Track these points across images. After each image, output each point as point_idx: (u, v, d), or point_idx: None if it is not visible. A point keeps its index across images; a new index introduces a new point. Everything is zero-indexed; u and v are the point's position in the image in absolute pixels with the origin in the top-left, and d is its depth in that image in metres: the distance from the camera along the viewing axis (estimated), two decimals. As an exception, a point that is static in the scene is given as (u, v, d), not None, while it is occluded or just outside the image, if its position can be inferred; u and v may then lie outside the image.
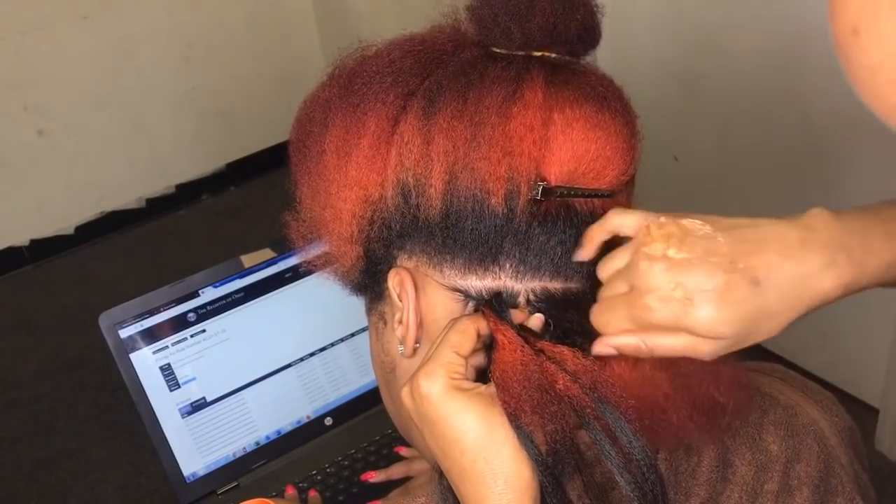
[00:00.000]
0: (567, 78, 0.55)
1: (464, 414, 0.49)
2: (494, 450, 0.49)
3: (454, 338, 0.52)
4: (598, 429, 0.49)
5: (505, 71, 0.54)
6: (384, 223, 0.56)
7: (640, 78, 1.90)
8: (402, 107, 0.54)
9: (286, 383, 1.06)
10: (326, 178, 0.57)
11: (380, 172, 0.55)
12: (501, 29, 0.55)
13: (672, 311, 0.47)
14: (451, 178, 0.53)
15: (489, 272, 0.54)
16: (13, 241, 2.61)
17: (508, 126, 0.52)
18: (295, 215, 0.61)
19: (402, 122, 0.54)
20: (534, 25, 0.55)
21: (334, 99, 0.58)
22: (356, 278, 0.60)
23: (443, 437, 0.50)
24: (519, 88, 0.53)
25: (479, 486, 0.49)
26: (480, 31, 0.57)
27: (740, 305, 0.46)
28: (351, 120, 0.56)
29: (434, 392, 0.50)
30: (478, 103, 0.53)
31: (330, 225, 0.58)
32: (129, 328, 0.99)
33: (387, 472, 0.99)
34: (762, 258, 0.47)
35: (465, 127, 0.53)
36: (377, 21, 2.61)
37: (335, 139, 0.56)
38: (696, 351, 0.48)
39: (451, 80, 0.54)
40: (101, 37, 2.57)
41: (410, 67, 0.56)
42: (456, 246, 0.54)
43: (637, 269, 0.48)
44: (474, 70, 0.55)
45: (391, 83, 0.55)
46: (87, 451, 1.98)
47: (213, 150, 2.88)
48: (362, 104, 0.56)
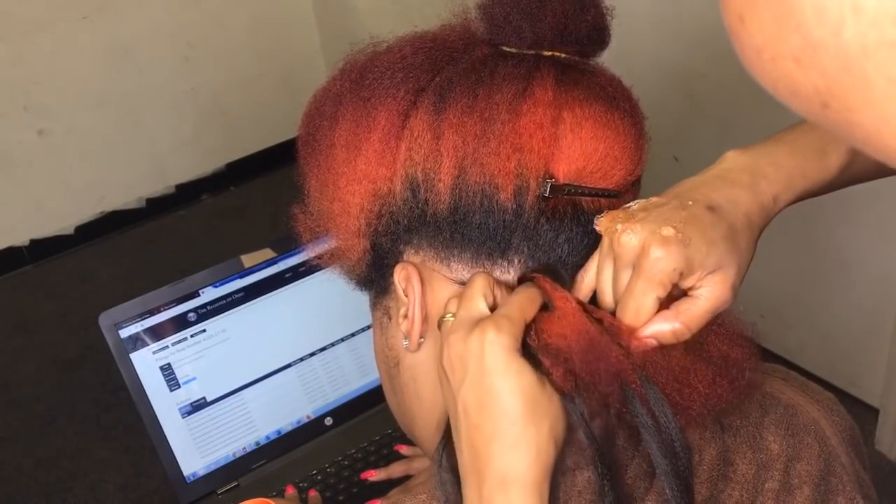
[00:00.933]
0: (577, 77, 0.55)
1: (523, 376, 0.48)
2: (537, 420, 0.48)
3: (525, 303, 0.51)
4: (642, 408, 0.49)
5: (516, 69, 0.54)
6: (392, 217, 0.56)
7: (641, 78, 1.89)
8: (413, 102, 0.55)
9: (286, 383, 1.06)
10: (335, 172, 0.57)
11: (389, 167, 0.55)
12: (513, 27, 0.56)
13: (678, 249, 0.49)
14: (460, 173, 0.53)
15: (497, 267, 0.55)
16: (13, 241, 2.61)
17: (518, 122, 0.53)
18: (303, 208, 0.61)
19: (412, 117, 0.54)
20: (545, 25, 0.55)
21: (345, 93, 0.58)
22: (362, 272, 0.60)
23: (489, 391, 0.49)
24: (529, 86, 0.54)
25: (506, 450, 0.48)
26: (491, 29, 0.57)
27: (714, 230, 0.50)
28: (361, 114, 0.56)
29: (500, 344, 0.49)
30: (488, 99, 0.53)
31: (338, 218, 0.58)
32: (129, 328, 0.99)
33: (387, 470, 0.99)
34: (703, 193, 0.52)
35: (475, 123, 0.53)
36: (377, 21, 2.61)
37: (345, 133, 0.57)
38: (722, 298, 0.50)
39: (462, 76, 0.55)
40: (101, 37, 2.57)
41: (421, 64, 0.56)
42: (464, 241, 0.54)
43: (621, 247, 0.50)
44: (485, 67, 0.55)
45: (402, 79, 0.55)
46: (87, 451, 1.98)
47: (213, 150, 2.88)
48: (373, 99, 0.56)
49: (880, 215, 1.62)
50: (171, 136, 2.80)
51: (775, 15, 0.26)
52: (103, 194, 2.72)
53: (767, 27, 0.27)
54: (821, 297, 1.84)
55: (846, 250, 1.73)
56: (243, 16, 2.81)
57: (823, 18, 0.25)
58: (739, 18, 0.28)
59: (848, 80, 0.25)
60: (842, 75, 0.26)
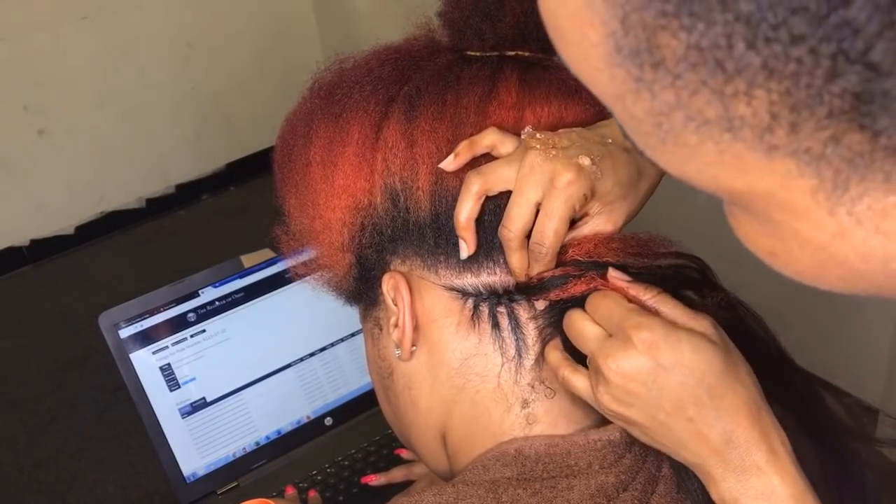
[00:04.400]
0: (539, 75, 0.56)
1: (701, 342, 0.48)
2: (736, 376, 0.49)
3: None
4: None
5: (480, 71, 0.56)
6: (375, 228, 0.56)
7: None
8: (384, 113, 0.55)
9: (286, 383, 1.06)
10: (314, 190, 0.57)
11: (367, 179, 0.55)
12: (474, 31, 0.57)
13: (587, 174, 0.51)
14: (437, 179, 0.54)
15: (484, 268, 0.55)
16: (13, 241, 2.61)
17: (485, 125, 0.54)
18: (284, 229, 0.61)
19: (385, 127, 0.55)
20: (505, 25, 0.56)
21: (316, 111, 0.58)
22: (350, 286, 0.60)
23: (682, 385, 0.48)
24: (494, 88, 0.55)
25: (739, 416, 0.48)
26: (454, 35, 0.58)
27: (625, 169, 0.53)
28: (334, 130, 0.57)
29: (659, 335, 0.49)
30: (456, 104, 0.54)
31: (320, 235, 0.58)
32: (129, 328, 0.99)
33: (387, 475, 0.99)
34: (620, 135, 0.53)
35: (446, 128, 0.54)
36: (377, 22, 2.61)
37: (320, 150, 0.57)
38: (604, 229, 0.54)
39: (430, 83, 0.55)
40: (101, 37, 2.57)
41: (389, 75, 0.57)
42: (448, 245, 0.55)
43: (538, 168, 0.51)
44: (451, 73, 0.56)
45: (371, 91, 0.56)
46: (87, 451, 1.98)
47: (213, 150, 2.87)
48: (344, 114, 0.56)
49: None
50: (171, 136, 2.79)
51: (813, 257, 0.28)
52: (103, 194, 2.72)
53: (805, 262, 0.29)
54: (821, 296, 1.84)
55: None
56: (243, 16, 2.81)
57: (869, 260, 0.27)
58: (771, 254, 0.30)
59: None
60: (889, 282, 0.28)
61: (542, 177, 0.51)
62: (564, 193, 0.51)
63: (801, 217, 0.27)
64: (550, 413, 0.56)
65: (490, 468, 0.54)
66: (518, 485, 0.52)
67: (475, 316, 0.56)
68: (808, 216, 0.26)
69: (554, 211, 0.51)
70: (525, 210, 0.52)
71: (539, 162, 0.51)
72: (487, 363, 0.56)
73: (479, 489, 0.52)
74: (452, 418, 0.58)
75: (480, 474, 0.54)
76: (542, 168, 0.51)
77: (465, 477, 0.54)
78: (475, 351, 0.56)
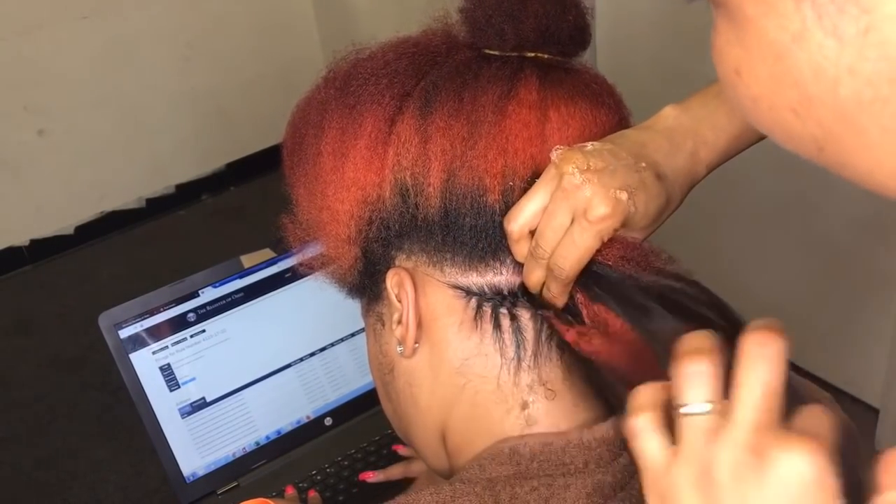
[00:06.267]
0: (560, 77, 0.56)
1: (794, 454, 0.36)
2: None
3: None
4: None
5: (499, 70, 0.55)
6: (382, 223, 0.56)
7: (640, 78, 1.90)
8: (399, 107, 0.55)
9: (286, 383, 1.06)
10: (323, 180, 0.57)
11: (377, 173, 0.55)
12: (495, 30, 0.56)
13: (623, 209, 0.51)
14: (448, 177, 0.53)
15: (490, 268, 0.55)
16: (13, 241, 2.61)
17: (504, 124, 0.53)
18: (291, 218, 0.61)
19: (398, 122, 0.55)
20: (527, 26, 0.55)
21: (330, 101, 0.58)
22: (354, 279, 0.60)
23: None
24: (514, 87, 0.54)
25: None
26: (473, 32, 0.57)
27: (655, 201, 0.53)
28: (347, 121, 0.56)
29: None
30: (474, 102, 0.54)
31: (327, 226, 0.58)
32: (129, 328, 0.99)
33: (385, 472, 0.99)
34: (652, 156, 0.54)
35: (461, 125, 0.53)
36: (377, 21, 2.61)
37: (331, 141, 0.57)
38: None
39: (447, 80, 0.55)
40: (100, 37, 2.57)
41: (406, 69, 0.56)
42: (456, 243, 0.54)
43: (572, 193, 0.50)
44: (469, 70, 0.55)
45: (387, 84, 0.56)
46: (87, 451, 1.98)
47: (213, 150, 2.88)
48: (358, 105, 0.56)
49: (880, 215, 1.62)
50: (171, 136, 2.80)
51: (772, 72, 0.29)
52: (103, 194, 2.72)
53: (764, 81, 0.29)
54: (821, 297, 1.84)
55: (846, 250, 1.73)
56: (243, 16, 2.81)
57: (820, 77, 0.27)
58: (736, 72, 0.30)
59: (843, 129, 0.28)
60: (838, 125, 0.28)
61: (577, 203, 0.50)
62: (596, 227, 0.50)
63: (770, 9, 0.28)
64: (551, 415, 0.56)
65: (486, 467, 0.54)
66: (516, 482, 0.52)
67: (478, 316, 0.55)
68: (776, 8, 0.27)
69: (583, 242, 0.51)
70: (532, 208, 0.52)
71: (576, 185, 0.50)
72: (488, 364, 0.56)
73: (476, 487, 0.52)
74: (453, 417, 0.58)
75: (477, 473, 0.54)
76: (575, 195, 0.50)
77: (462, 475, 0.54)
78: (476, 351, 0.56)
